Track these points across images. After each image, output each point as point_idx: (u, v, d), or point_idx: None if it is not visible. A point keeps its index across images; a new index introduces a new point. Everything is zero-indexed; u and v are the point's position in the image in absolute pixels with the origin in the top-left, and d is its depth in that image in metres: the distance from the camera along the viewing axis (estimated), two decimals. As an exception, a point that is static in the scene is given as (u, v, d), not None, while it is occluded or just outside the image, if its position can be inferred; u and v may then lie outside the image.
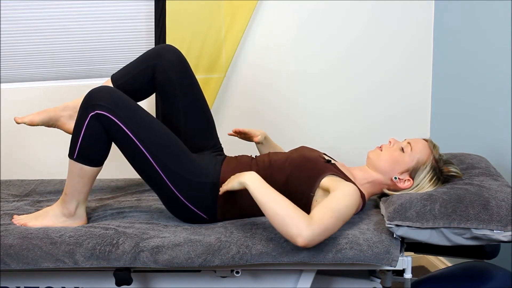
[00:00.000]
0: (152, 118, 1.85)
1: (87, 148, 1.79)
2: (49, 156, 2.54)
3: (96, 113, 1.75)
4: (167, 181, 1.81)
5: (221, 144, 2.11)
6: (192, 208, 1.85)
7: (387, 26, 2.68)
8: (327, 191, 1.76)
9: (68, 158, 1.82)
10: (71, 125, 1.99)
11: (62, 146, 2.43)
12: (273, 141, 2.20)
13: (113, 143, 1.84)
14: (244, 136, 2.15)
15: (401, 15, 2.67)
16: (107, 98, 1.77)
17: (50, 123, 2.02)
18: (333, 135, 2.73)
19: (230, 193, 1.85)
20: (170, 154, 1.83)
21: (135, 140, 1.78)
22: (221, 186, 1.85)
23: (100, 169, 1.86)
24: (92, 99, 1.76)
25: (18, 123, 2.00)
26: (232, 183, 1.76)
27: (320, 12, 2.61)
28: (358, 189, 1.82)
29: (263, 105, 2.65)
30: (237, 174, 1.78)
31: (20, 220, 1.87)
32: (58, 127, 2.03)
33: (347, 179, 1.84)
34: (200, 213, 1.86)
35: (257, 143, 2.15)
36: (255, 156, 2.06)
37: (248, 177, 1.72)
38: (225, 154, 2.09)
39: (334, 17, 2.62)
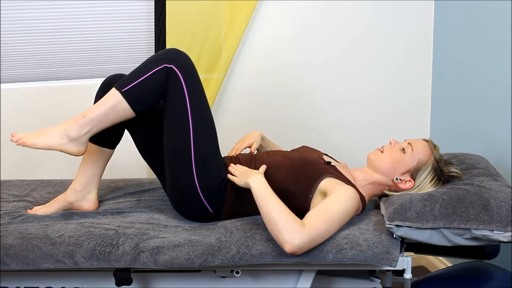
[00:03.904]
0: (209, 106, 1.87)
1: (141, 90, 1.78)
2: (49, 156, 2.53)
3: (171, 67, 1.77)
4: (193, 162, 1.81)
5: None
6: (203, 199, 1.84)
7: (387, 26, 2.68)
8: (325, 193, 1.77)
9: (70, 157, 1.80)
10: (87, 205, 2.00)
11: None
12: (270, 141, 2.20)
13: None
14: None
15: (401, 15, 2.67)
16: (188, 63, 1.80)
17: (67, 209, 1.99)
18: (334, 134, 2.72)
19: (239, 192, 1.86)
20: (209, 140, 1.85)
21: (189, 111, 1.79)
22: (229, 184, 1.87)
23: (131, 117, 1.82)
24: (174, 55, 1.79)
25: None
26: (239, 179, 1.80)
27: (319, 12, 2.60)
28: (358, 192, 1.82)
29: (263, 105, 2.65)
30: (247, 172, 1.81)
31: (18, 137, 1.80)
32: (77, 209, 2.00)
33: (346, 181, 1.83)
34: (208, 207, 1.85)
35: (257, 149, 2.15)
36: (255, 152, 2.07)
37: (254, 179, 1.75)
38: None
39: (334, 17, 2.62)
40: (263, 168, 1.86)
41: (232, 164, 1.89)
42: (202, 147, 1.82)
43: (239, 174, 1.83)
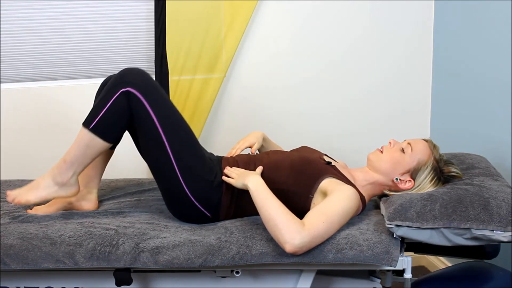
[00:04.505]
0: (177, 111, 1.86)
1: (107, 121, 1.79)
2: (49, 156, 2.53)
3: (128, 90, 1.76)
4: (178, 174, 1.81)
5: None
6: (197, 205, 1.85)
7: (387, 26, 2.68)
8: (325, 193, 1.77)
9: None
10: (88, 205, 2.00)
11: (62, 146, 2.43)
12: (272, 141, 2.19)
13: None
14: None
15: (401, 15, 2.67)
16: (142, 79, 1.78)
17: (67, 209, 2.00)
18: (333, 135, 2.73)
19: (235, 192, 1.86)
20: (187, 148, 1.84)
21: (159, 127, 1.78)
22: (224, 185, 1.86)
23: (109, 147, 1.85)
24: (127, 77, 1.78)
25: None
26: (237, 181, 1.80)
27: (319, 13, 2.61)
28: (358, 192, 1.82)
29: (263, 105, 2.65)
30: (244, 173, 1.80)
31: (13, 196, 1.85)
32: (77, 209, 2.01)
33: (347, 181, 1.83)
34: (204, 211, 1.86)
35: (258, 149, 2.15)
36: (256, 153, 2.06)
37: (252, 179, 1.75)
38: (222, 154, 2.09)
39: (334, 17, 2.62)
40: (259, 169, 1.86)
41: (227, 167, 1.89)
42: (182, 156, 1.82)
43: (236, 176, 1.83)
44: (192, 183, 1.83)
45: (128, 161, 2.42)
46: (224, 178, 1.86)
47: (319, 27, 2.62)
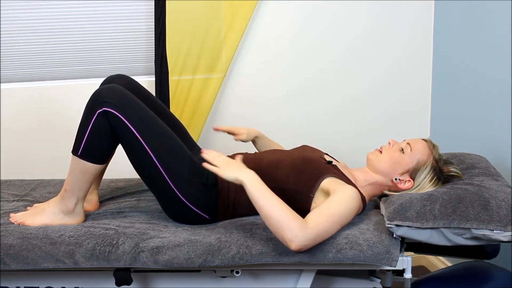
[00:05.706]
0: (158, 120, 1.85)
1: (92, 145, 1.79)
2: (49, 156, 2.54)
3: (104, 110, 1.75)
4: (169, 182, 1.81)
5: (199, 147, 2.13)
6: (194, 209, 1.84)
7: (387, 26, 2.68)
8: (327, 193, 1.76)
9: (70, 156, 1.83)
10: (88, 206, 2.01)
11: (62, 146, 2.43)
12: (269, 139, 2.20)
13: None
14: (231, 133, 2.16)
15: (401, 15, 2.67)
16: (116, 96, 1.77)
17: None
18: (333, 135, 2.73)
19: (231, 191, 1.85)
20: (174, 156, 1.83)
21: (141, 139, 1.78)
22: (219, 186, 1.86)
23: (103, 167, 1.86)
24: (101, 97, 1.77)
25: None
26: (224, 171, 1.68)
27: (319, 13, 2.61)
28: (359, 192, 1.82)
29: (263, 105, 2.65)
30: (231, 163, 1.71)
31: (17, 218, 1.87)
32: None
33: (348, 181, 1.83)
34: (202, 214, 1.86)
35: (243, 141, 2.16)
36: (255, 152, 2.06)
37: (247, 175, 1.67)
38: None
39: (334, 17, 2.62)
40: (239, 157, 1.77)
41: (205, 150, 1.76)
42: (169, 163, 1.81)
43: (220, 164, 1.70)
44: (184, 188, 1.82)
45: (128, 161, 2.42)
46: (205, 165, 1.70)
47: (319, 27, 2.62)
